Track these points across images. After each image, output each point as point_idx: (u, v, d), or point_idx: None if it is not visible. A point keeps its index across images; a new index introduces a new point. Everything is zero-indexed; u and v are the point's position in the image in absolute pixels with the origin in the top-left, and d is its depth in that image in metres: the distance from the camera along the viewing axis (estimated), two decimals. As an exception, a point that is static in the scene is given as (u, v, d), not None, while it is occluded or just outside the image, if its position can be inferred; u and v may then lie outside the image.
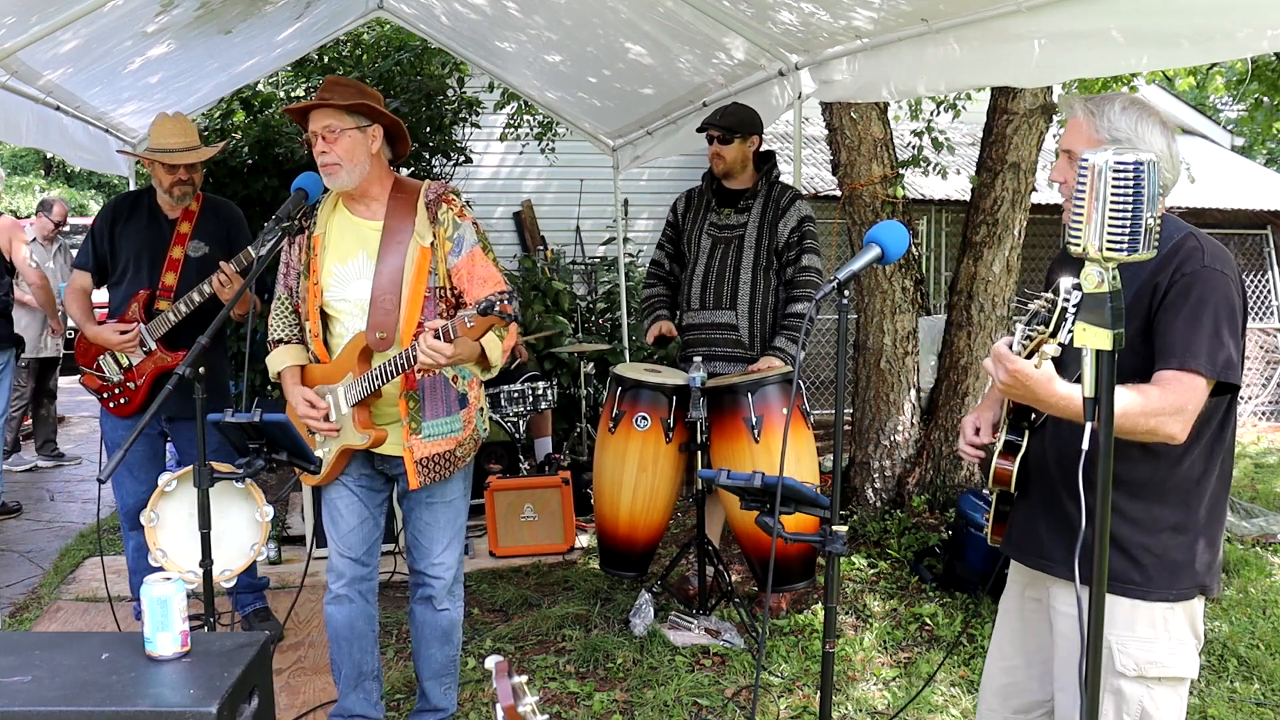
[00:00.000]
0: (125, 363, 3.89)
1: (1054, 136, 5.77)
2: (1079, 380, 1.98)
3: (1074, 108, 2.13)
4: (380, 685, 3.21)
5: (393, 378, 2.81)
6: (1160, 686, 2.07)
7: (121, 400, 3.91)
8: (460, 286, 2.92)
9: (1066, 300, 1.81)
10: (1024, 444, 2.19)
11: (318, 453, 2.95)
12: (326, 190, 3.01)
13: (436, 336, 2.62)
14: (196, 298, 3.71)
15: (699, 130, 4.39)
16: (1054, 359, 2.14)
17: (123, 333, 3.81)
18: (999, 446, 2.22)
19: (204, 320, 3.71)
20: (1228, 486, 2.15)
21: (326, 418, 2.94)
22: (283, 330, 3.08)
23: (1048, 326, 1.84)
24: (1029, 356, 1.87)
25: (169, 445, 4.18)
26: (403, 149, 3.01)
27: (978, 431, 2.29)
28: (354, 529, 3.05)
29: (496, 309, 2.52)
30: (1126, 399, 1.91)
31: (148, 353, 3.85)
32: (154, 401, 3.79)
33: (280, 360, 3.03)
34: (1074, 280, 1.88)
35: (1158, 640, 2.06)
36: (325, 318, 2.99)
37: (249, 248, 3.64)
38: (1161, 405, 1.91)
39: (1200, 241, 2.03)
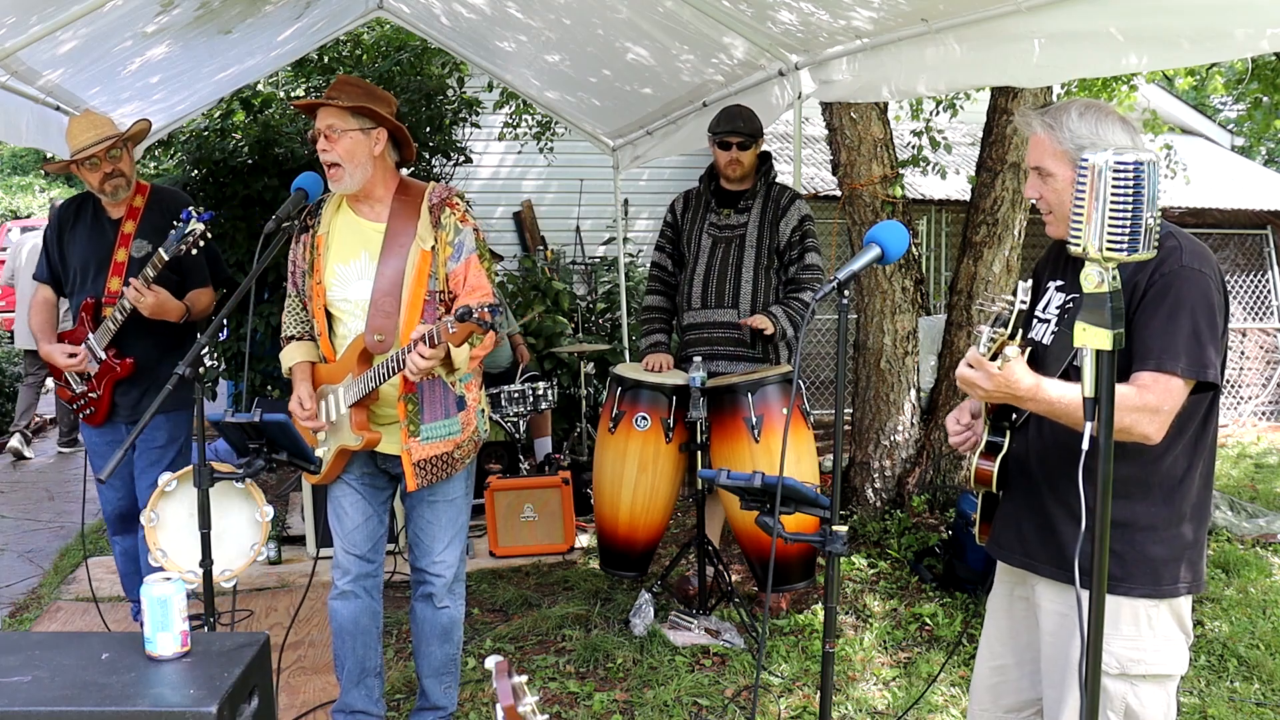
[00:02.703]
0: (85, 373, 3.79)
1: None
2: (1061, 376, 2.00)
3: (1032, 124, 2.13)
4: (382, 682, 3.22)
5: (386, 380, 2.82)
6: (1145, 684, 2.08)
7: (89, 410, 3.81)
8: (455, 292, 2.93)
9: (1023, 303, 1.87)
10: (1005, 444, 2.20)
11: (318, 452, 2.96)
12: (328, 190, 3.02)
13: (423, 341, 2.63)
14: (127, 305, 3.55)
15: (716, 137, 4.29)
16: (1032, 356, 2.17)
17: (70, 355, 3.70)
18: (980, 447, 2.22)
19: (149, 323, 3.60)
20: (1211, 483, 2.16)
21: (323, 416, 2.95)
22: (294, 327, 3.10)
23: (1006, 328, 1.87)
24: (993, 358, 1.89)
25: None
26: (408, 152, 3.02)
27: (959, 422, 2.31)
28: (359, 526, 3.06)
29: (474, 316, 2.55)
30: (1142, 395, 1.93)
31: (100, 362, 3.71)
32: (115, 408, 3.75)
33: (291, 357, 3.07)
34: (1028, 284, 1.95)
35: (1141, 637, 2.07)
36: (330, 317, 3.00)
37: (160, 251, 3.45)
38: (1138, 404, 1.92)
39: (1180, 240, 2.04)
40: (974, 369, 1.92)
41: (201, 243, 3.45)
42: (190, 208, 3.49)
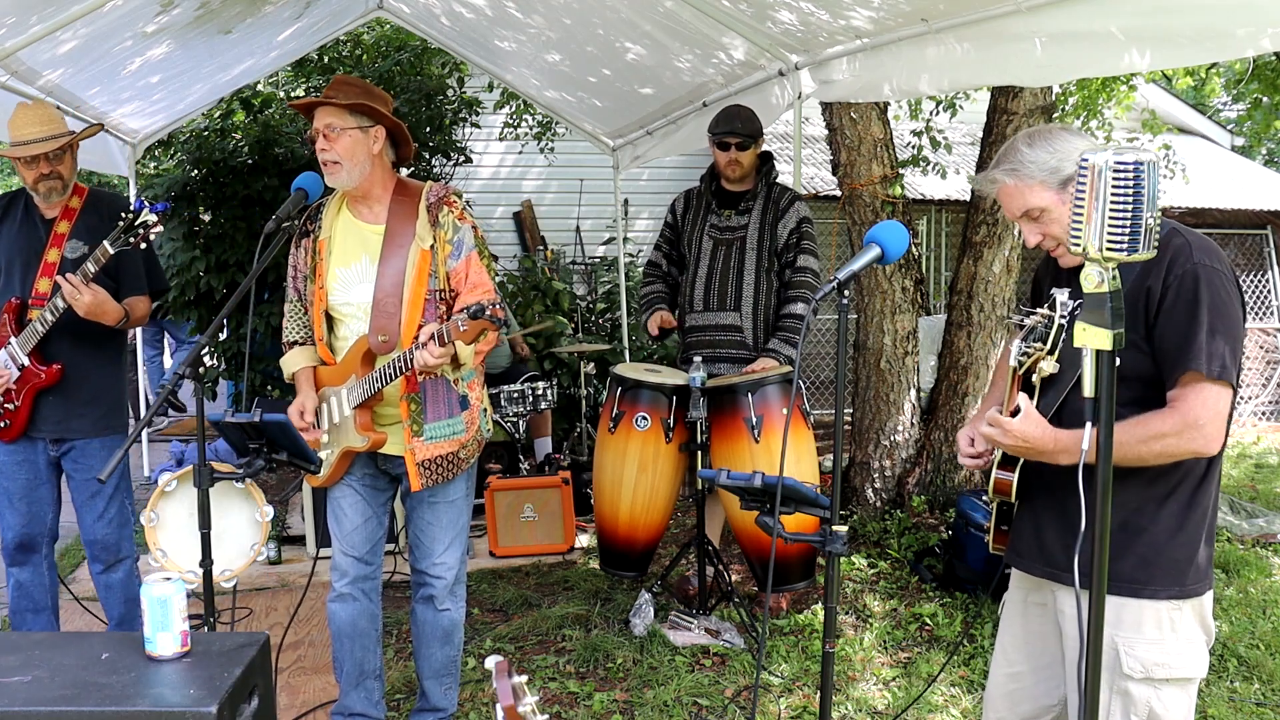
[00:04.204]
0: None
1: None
2: (1075, 384, 1.98)
3: (995, 179, 2.10)
4: (382, 684, 3.21)
5: (392, 380, 2.82)
6: (1168, 687, 2.05)
7: (3, 424, 3.44)
8: (456, 289, 2.93)
9: (1063, 318, 1.83)
10: None
11: (320, 454, 2.95)
12: (329, 191, 3.02)
13: (433, 340, 2.64)
14: (60, 304, 3.28)
15: (715, 137, 4.28)
16: (1058, 362, 2.14)
17: None
18: (998, 457, 2.18)
19: (80, 327, 3.35)
20: (1220, 479, 2.15)
21: (328, 424, 2.96)
22: (297, 332, 3.10)
23: (1044, 343, 1.83)
24: (1027, 374, 1.87)
25: (84, 475, 3.56)
26: (406, 151, 3.02)
27: (972, 443, 2.26)
28: (358, 527, 3.06)
29: (487, 313, 2.56)
30: (1148, 425, 1.92)
31: (21, 369, 3.39)
32: (34, 422, 3.39)
33: (294, 362, 3.06)
34: (1068, 296, 1.89)
35: (1165, 640, 2.05)
36: (330, 320, 3.01)
37: (105, 243, 3.20)
38: (1175, 427, 1.92)
39: (1187, 237, 2.01)
40: (992, 427, 1.92)
41: (153, 236, 3.23)
42: (141, 200, 3.27)
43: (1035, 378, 1.86)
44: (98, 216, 3.48)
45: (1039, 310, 1.88)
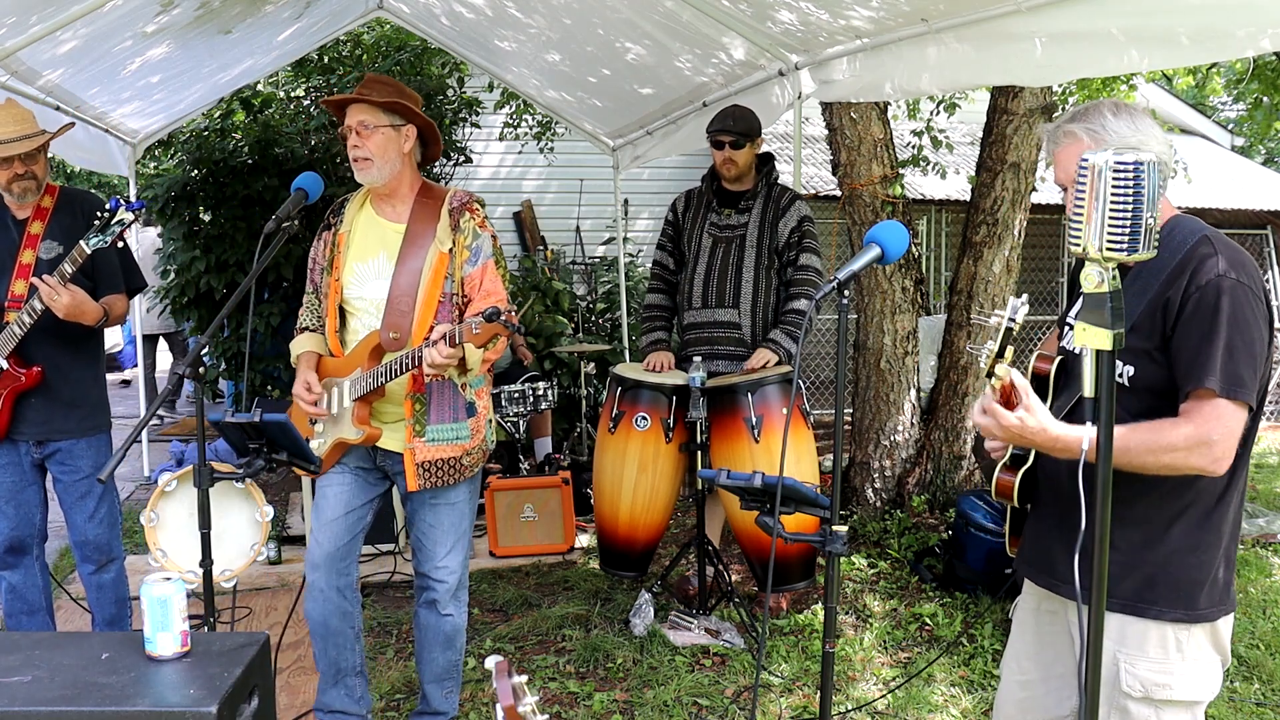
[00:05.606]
0: None
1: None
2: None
3: (1073, 132, 2.01)
4: (365, 681, 3.17)
5: (397, 375, 2.83)
6: (1170, 709, 1.99)
7: None
8: (469, 295, 2.95)
9: (1012, 321, 1.82)
10: (1030, 458, 2.12)
11: (313, 444, 2.95)
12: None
13: (443, 340, 2.65)
14: (39, 306, 3.23)
15: (710, 134, 4.31)
16: (1062, 365, 2.12)
17: None
18: (1004, 459, 2.15)
19: (59, 327, 3.30)
20: (1244, 498, 2.07)
21: (325, 408, 2.96)
22: (309, 319, 3.14)
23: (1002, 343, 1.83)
24: (989, 374, 1.86)
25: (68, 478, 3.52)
26: (435, 151, 3.06)
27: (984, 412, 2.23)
28: (337, 519, 3.02)
29: (502, 318, 2.57)
30: (1158, 434, 1.87)
31: (0, 373, 3.33)
32: (15, 424, 3.34)
33: (301, 345, 3.09)
34: (1021, 299, 1.88)
35: (1169, 662, 1.98)
36: (343, 314, 3.03)
37: (81, 243, 3.17)
38: (1181, 442, 1.85)
39: (1215, 247, 1.91)
40: (986, 416, 1.87)
41: (128, 234, 3.23)
42: (116, 197, 3.22)
43: (995, 382, 1.84)
44: (71, 216, 3.42)
45: (998, 312, 1.87)
